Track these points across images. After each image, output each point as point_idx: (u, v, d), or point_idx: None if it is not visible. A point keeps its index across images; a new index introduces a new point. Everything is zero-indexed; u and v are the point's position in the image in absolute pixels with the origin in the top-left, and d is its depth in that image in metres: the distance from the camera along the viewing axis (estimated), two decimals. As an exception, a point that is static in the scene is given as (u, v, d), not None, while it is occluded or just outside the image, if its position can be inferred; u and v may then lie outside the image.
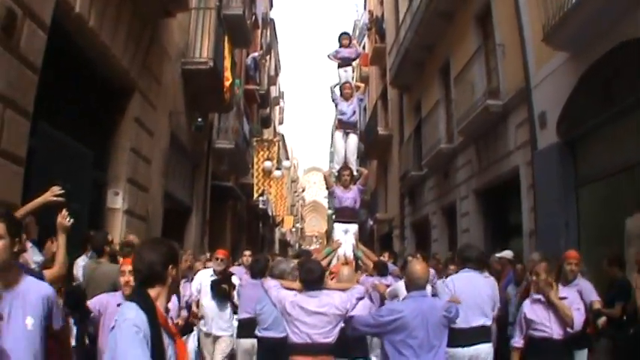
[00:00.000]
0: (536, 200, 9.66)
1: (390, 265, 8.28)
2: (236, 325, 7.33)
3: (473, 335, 5.43)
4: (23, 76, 5.62)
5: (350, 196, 8.42)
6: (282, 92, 45.13)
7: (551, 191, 9.14)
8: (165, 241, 3.00)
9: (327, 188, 9.32)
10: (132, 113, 8.94)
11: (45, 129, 6.51)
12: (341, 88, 9.92)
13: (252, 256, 8.79)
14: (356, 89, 10.31)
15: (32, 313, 3.24)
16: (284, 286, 4.95)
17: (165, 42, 10.43)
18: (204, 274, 7.83)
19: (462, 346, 5.33)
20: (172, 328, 2.88)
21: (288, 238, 54.13)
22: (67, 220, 4.29)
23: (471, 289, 5.58)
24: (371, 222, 26.51)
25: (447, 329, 4.43)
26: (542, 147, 9.43)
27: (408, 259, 10.58)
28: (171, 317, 4.66)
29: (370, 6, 30.73)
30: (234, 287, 7.54)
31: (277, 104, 40.35)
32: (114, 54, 7.90)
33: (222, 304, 7.55)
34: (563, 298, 5.05)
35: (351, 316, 4.76)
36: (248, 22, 18.54)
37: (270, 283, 5.09)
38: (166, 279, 2.80)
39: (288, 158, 47.14)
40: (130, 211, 8.80)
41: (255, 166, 22.49)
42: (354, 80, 11.75)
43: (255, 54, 23.76)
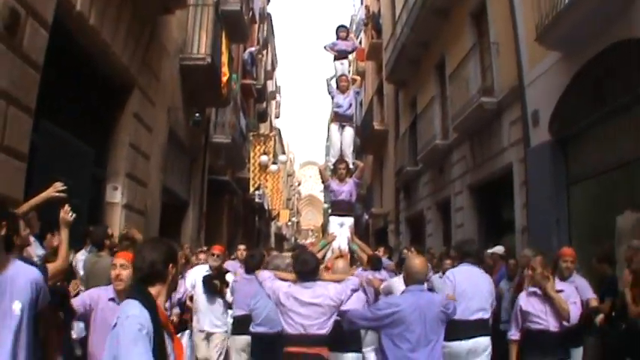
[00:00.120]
0: (529, 197, 9.71)
1: (384, 259, 8.26)
2: (230, 321, 7.25)
3: (472, 328, 5.48)
4: (26, 74, 5.68)
5: (346, 189, 8.34)
6: (279, 87, 44.99)
7: (543, 188, 9.18)
8: (165, 241, 3.04)
9: (323, 182, 9.23)
10: (131, 109, 9.00)
11: (46, 125, 6.58)
12: (337, 81, 9.83)
13: (246, 250, 8.67)
14: (352, 82, 10.22)
15: (20, 298, 3.26)
16: (278, 277, 4.93)
17: (164, 39, 10.47)
18: (199, 270, 7.75)
19: (461, 339, 5.38)
20: (171, 326, 2.91)
21: (284, 232, 54.08)
22: (70, 215, 4.41)
23: (471, 282, 5.65)
24: (366, 216, 26.53)
25: (444, 324, 4.43)
26: (535, 145, 9.48)
27: (404, 252, 10.75)
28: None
29: (367, 1, 30.52)
30: (227, 284, 7.45)
31: (274, 98, 40.24)
32: (114, 51, 7.95)
33: (213, 300, 7.44)
34: (560, 291, 5.08)
35: (346, 310, 4.76)
36: (245, 17, 18.46)
37: (265, 274, 5.06)
38: (167, 277, 2.82)
39: (284, 152, 47.15)
40: (129, 205, 8.87)
41: (252, 161, 22.50)
42: (350, 73, 11.66)
43: (252, 49, 23.65)
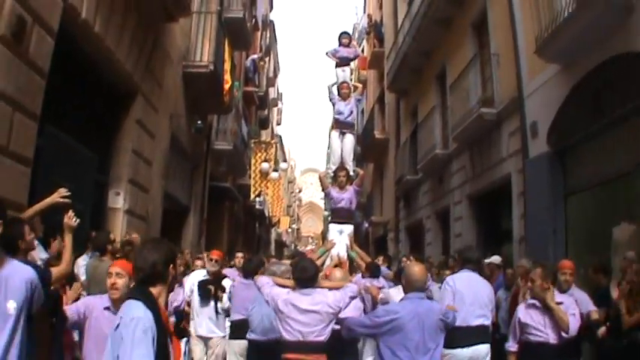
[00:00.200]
0: (527, 207, 9.76)
1: (383, 268, 8.26)
2: (228, 325, 7.22)
3: (472, 335, 5.47)
4: (32, 81, 5.73)
5: (346, 196, 8.29)
6: (281, 94, 44.97)
7: (540, 199, 9.22)
8: (165, 241, 3.07)
9: (323, 190, 9.12)
10: (134, 116, 9.05)
11: (51, 130, 6.62)
12: (338, 88, 9.79)
13: (244, 257, 8.54)
14: (354, 89, 10.20)
15: (15, 297, 3.27)
16: (277, 283, 4.90)
17: (167, 46, 10.53)
18: (196, 276, 7.75)
19: (462, 346, 5.38)
20: (170, 326, 2.96)
21: (284, 239, 54.03)
22: (74, 220, 4.51)
23: (471, 288, 5.64)
24: (366, 224, 26.58)
25: (443, 332, 4.39)
26: (533, 156, 9.53)
27: (403, 260, 10.80)
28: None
29: (369, 10, 30.62)
30: (224, 290, 7.42)
31: (275, 105, 40.28)
32: (118, 58, 8.01)
33: (207, 304, 7.40)
34: (560, 303, 5.01)
35: (344, 317, 4.77)
36: (248, 24, 18.51)
37: (263, 280, 5.02)
38: (167, 278, 2.86)
39: (285, 159, 47.25)
40: (131, 211, 8.92)
41: (253, 168, 22.52)
42: (352, 81, 11.66)
43: (255, 56, 23.73)
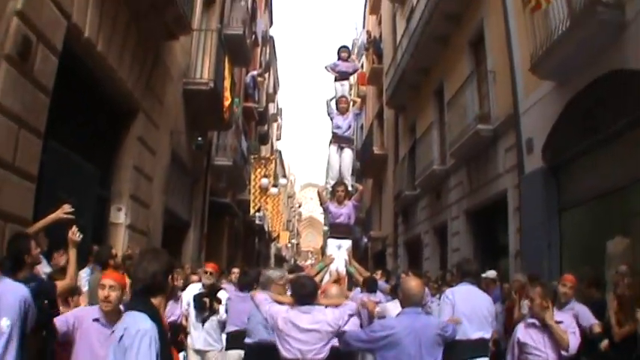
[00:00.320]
0: (522, 222, 9.86)
1: (381, 282, 8.29)
2: (224, 338, 7.23)
3: (471, 348, 5.41)
4: (36, 99, 5.84)
5: (344, 212, 8.27)
6: (281, 109, 45.08)
7: (535, 214, 9.31)
8: (165, 252, 3.03)
9: (321, 204, 9.03)
10: (135, 133, 9.16)
11: (54, 146, 6.72)
12: (337, 102, 9.78)
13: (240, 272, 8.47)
14: (352, 104, 10.21)
15: (8, 315, 3.32)
16: (275, 300, 4.82)
17: (168, 63, 10.65)
18: (193, 289, 7.74)
19: None
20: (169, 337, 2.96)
21: (284, 254, 53.89)
22: (77, 235, 4.65)
23: (470, 301, 5.61)
24: (365, 240, 26.62)
25: (441, 347, 4.35)
26: (529, 171, 9.65)
27: (402, 276, 10.84)
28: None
29: (368, 26, 30.84)
30: (220, 302, 7.42)
31: (275, 121, 40.38)
32: (120, 76, 8.13)
33: (203, 318, 7.38)
34: (559, 322, 4.95)
35: (342, 331, 4.74)
36: (248, 40, 18.63)
37: (261, 297, 4.91)
38: (167, 289, 2.83)
39: (285, 174, 47.34)
40: (132, 226, 9.01)
41: (252, 183, 22.61)
42: (351, 96, 11.69)
43: (255, 72, 23.81)
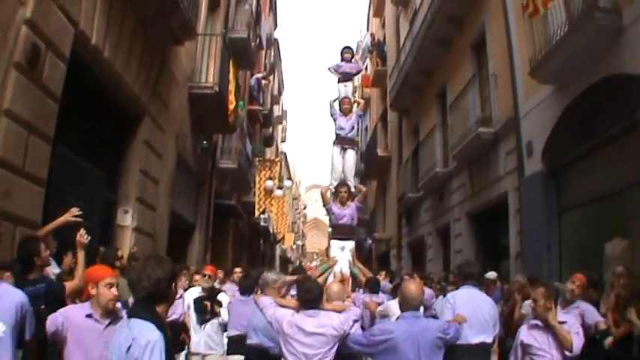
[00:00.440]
0: (522, 224, 9.95)
1: (384, 283, 8.33)
2: (226, 342, 7.16)
3: (472, 353, 5.34)
4: (45, 105, 5.97)
5: (347, 213, 8.30)
6: (285, 111, 45.12)
7: (535, 216, 9.39)
8: (168, 259, 2.97)
9: (324, 205, 8.98)
10: (142, 137, 9.30)
11: (62, 151, 6.84)
12: (340, 103, 9.75)
13: (242, 272, 8.56)
14: (356, 105, 10.18)
15: (4, 320, 3.38)
16: (280, 304, 4.80)
17: (173, 68, 10.78)
18: (193, 293, 7.76)
19: None
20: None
21: (289, 255, 54.00)
22: (85, 237, 4.80)
23: (472, 305, 5.52)
24: (370, 241, 26.68)
25: (442, 350, 4.32)
26: (529, 174, 9.74)
27: (405, 278, 10.91)
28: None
29: (372, 29, 30.86)
30: (221, 304, 7.41)
31: (280, 123, 40.44)
32: (127, 82, 8.26)
33: (204, 321, 7.39)
34: (563, 323, 4.85)
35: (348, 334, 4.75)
36: (252, 43, 18.67)
37: (265, 300, 4.87)
38: (170, 297, 2.83)
39: (290, 176, 47.30)
40: (139, 228, 9.14)
41: (257, 185, 22.64)
42: (354, 97, 11.69)
43: (259, 75, 23.78)
